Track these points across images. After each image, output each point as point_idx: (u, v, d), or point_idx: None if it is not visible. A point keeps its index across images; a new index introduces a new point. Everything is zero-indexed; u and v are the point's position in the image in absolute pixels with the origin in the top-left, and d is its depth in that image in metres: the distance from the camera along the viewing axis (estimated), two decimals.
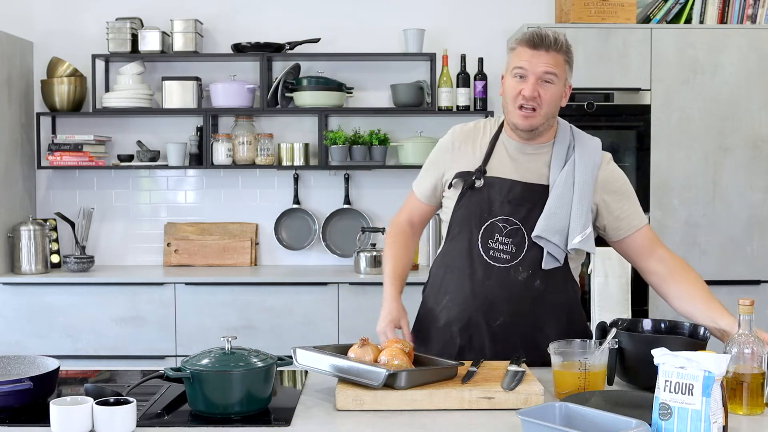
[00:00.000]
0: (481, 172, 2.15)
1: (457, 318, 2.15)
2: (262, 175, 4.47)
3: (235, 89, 4.22)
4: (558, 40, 2.09)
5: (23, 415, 1.72)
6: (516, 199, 2.13)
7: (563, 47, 2.10)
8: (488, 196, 2.13)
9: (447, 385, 1.81)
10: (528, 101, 2.08)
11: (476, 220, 2.14)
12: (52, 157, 4.24)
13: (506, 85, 2.15)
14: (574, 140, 2.18)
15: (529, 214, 2.12)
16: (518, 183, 2.14)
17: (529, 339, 2.12)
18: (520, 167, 2.16)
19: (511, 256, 2.12)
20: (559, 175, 2.12)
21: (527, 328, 2.13)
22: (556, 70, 2.08)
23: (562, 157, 2.15)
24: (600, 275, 3.86)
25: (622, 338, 1.93)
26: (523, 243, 2.12)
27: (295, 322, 3.93)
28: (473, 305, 2.14)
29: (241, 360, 1.75)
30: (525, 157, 2.17)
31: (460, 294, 2.16)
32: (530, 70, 2.08)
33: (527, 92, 2.07)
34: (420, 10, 4.40)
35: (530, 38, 2.10)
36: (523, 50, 2.10)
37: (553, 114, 2.14)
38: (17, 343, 3.90)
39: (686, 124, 3.95)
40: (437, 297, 2.22)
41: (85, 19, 4.41)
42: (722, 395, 1.50)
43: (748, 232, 3.97)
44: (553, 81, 2.09)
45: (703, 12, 4.12)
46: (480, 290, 2.13)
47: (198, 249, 4.38)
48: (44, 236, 4.12)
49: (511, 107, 2.12)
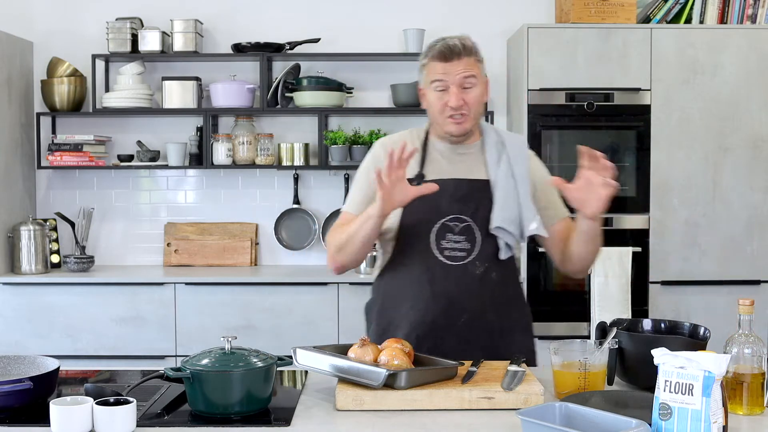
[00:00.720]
0: (420, 176, 2.18)
1: (420, 322, 2.16)
2: (262, 175, 4.47)
3: (235, 89, 4.22)
4: (465, 45, 2.15)
5: (23, 415, 1.72)
6: (463, 197, 2.17)
7: (472, 50, 2.17)
8: (434, 197, 2.12)
9: (447, 385, 1.81)
10: (456, 110, 2.14)
11: (426, 223, 2.16)
12: (52, 157, 4.24)
13: (429, 99, 2.20)
14: (501, 137, 2.25)
15: (477, 209, 2.17)
16: (462, 180, 2.19)
17: (493, 332, 2.16)
18: (456, 167, 2.21)
19: (467, 253, 2.16)
20: (499, 170, 2.19)
21: (489, 321, 2.17)
22: (472, 72, 2.15)
23: (495, 153, 2.22)
24: (600, 275, 3.87)
25: (622, 338, 1.93)
26: (475, 238, 2.16)
27: (295, 322, 3.93)
28: (435, 307, 2.15)
29: (241, 360, 1.75)
30: (459, 157, 2.23)
31: (421, 298, 2.17)
32: (450, 81, 2.14)
33: (453, 102, 2.13)
34: (420, 10, 4.40)
35: (440, 51, 2.15)
36: (435, 64, 2.16)
37: (481, 113, 2.23)
38: (17, 343, 3.90)
39: (686, 124, 3.95)
40: (396, 307, 2.21)
41: (85, 19, 4.41)
42: (722, 395, 1.50)
43: (748, 232, 3.97)
44: (474, 83, 2.16)
45: (703, 12, 4.12)
46: (440, 291, 2.15)
47: (198, 249, 4.38)
48: (44, 236, 4.12)
49: (440, 119, 2.18)
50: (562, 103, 3.93)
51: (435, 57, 2.16)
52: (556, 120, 3.95)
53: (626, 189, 3.97)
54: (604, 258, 3.87)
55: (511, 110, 4.29)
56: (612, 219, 3.95)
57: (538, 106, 3.93)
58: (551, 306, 3.97)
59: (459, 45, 2.14)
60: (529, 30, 3.92)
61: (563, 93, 3.92)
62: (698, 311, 3.90)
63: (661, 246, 3.95)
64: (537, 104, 3.93)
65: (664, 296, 3.96)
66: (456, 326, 2.15)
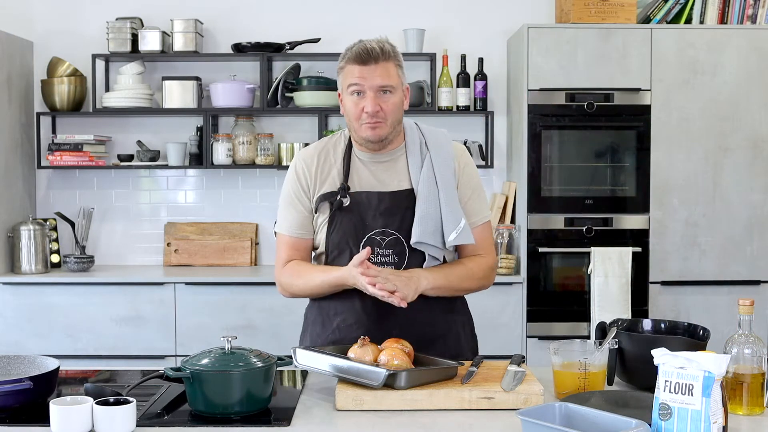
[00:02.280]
0: (344, 189, 2.13)
1: (352, 337, 2.08)
2: (262, 175, 4.47)
3: (235, 89, 4.22)
4: (384, 49, 2.08)
5: (23, 415, 1.72)
6: (387, 210, 2.12)
7: (391, 54, 2.09)
8: (359, 212, 2.11)
9: (447, 385, 1.81)
10: (372, 116, 2.07)
11: (353, 238, 2.12)
12: (52, 156, 4.24)
13: (346, 104, 2.12)
14: (425, 137, 2.19)
15: (402, 221, 2.12)
16: (385, 194, 2.13)
17: (427, 340, 2.11)
18: (380, 177, 2.16)
19: (395, 266, 2.12)
20: (421, 177, 2.13)
21: (422, 330, 2.12)
22: (391, 81, 2.08)
23: (418, 158, 2.16)
24: (600, 275, 3.87)
25: (622, 338, 1.93)
26: (404, 251, 2.12)
27: (295, 322, 3.89)
28: (367, 321, 2.12)
29: (241, 360, 1.75)
30: (382, 166, 2.17)
31: (352, 313, 2.14)
32: (366, 86, 2.07)
33: (369, 108, 2.06)
34: (420, 10, 4.40)
35: (357, 55, 2.07)
36: (352, 68, 2.08)
37: (399, 120, 2.14)
38: (17, 343, 3.90)
39: (686, 124, 3.95)
40: (325, 321, 2.19)
41: (85, 19, 4.41)
42: (722, 395, 1.50)
43: (748, 232, 3.97)
44: (392, 90, 2.09)
45: (703, 12, 4.12)
46: (371, 305, 2.11)
47: (198, 249, 4.38)
48: (44, 236, 4.12)
49: (356, 125, 2.11)
50: (562, 103, 3.93)
51: (352, 60, 2.08)
52: (556, 120, 3.95)
53: (626, 189, 3.98)
54: (604, 258, 3.87)
55: (511, 110, 4.29)
56: (612, 219, 3.95)
57: (538, 106, 3.93)
58: (551, 306, 3.97)
59: (377, 48, 2.06)
60: (529, 30, 3.92)
61: (563, 93, 3.92)
62: (698, 311, 3.90)
63: (661, 246, 3.95)
64: (537, 104, 3.93)
65: (664, 296, 3.96)
66: (389, 338, 2.08)
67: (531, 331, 3.96)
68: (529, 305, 3.96)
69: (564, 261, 3.99)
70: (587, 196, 3.96)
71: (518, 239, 4.06)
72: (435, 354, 2.02)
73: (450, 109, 4.28)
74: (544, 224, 3.96)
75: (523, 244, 3.97)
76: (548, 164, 3.97)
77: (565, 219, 3.95)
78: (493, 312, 3.92)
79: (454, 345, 2.20)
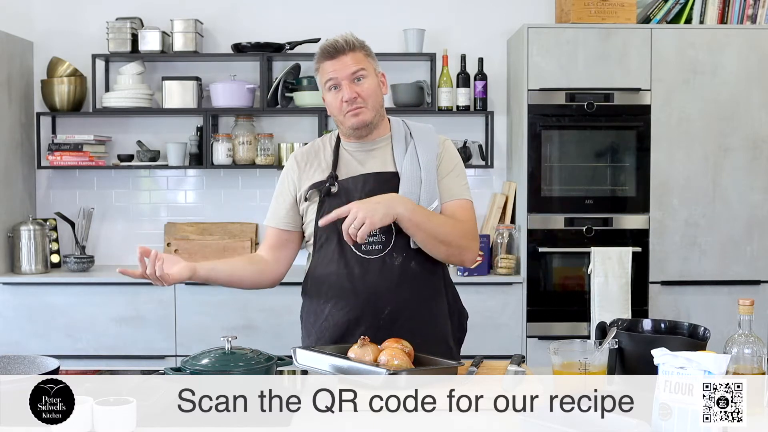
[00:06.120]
0: (333, 177, 2.21)
1: (345, 320, 2.17)
2: (262, 175, 4.47)
3: (235, 89, 4.22)
4: (348, 41, 2.18)
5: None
6: (372, 190, 2.17)
7: (356, 45, 2.19)
8: (346, 196, 2.17)
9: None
10: (351, 103, 2.16)
11: (340, 222, 2.14)
12: (52, 156, 4.24)
13: (328, 101, 2.23)
14: (410, 129, 2.28)
15: None
16: (370, 175, 2.21)
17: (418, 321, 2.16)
18: (366, 163, 2.24)
19: (383, 245, 2.17)
20: (405, 159, 2.21)
21: (413, 310, 2.17)
22: (360, 65, 2.17)
23: (402, 145, 2.24)
24: (600, 275, 3.87)
25: (622, 338, 1.93)
26: (390, 230, 2.17)
27: (295, 322, 3.90)
28: (358, 304, 2.17)
29: (241, 360, 1.75)
30: (368, 154, 2.26)
31: (342, 296, 2.19)
32: (340, 77, 2.17)
33: (346, 96, 2.17)
34: (420, 10, 4.40)
35: (324, 51, 2.18)
36: (324, 65, 2.19)
37: (380, 104, 2.24)
38: (17, 343, 3.90)
39: (686, 124, 3.95)
40: (321, 308, 2.24)
41: (85, 19, 4.41)
42: None
43: (748, 232, 3.97)
44: (364, 75, 2.18)
45: (703, 12, 4.12)
46: (362, 286, 2.16)
47: (198, 249, 4.38)
48: (44, 236, 4.12)
49: (340, 117, 2.21)
50: (562, 103, 3.93)
51: (322, 57, 2.19)
52: (556, 120, 3.95)
53: (626, 189, 3.98)
54: (604, 258, 3.87)
55: (511, 110, 4.29)
56: (612, 219, 3.95)
57: (538, 106, 3.93)
58: (551, 306, 3.98)
59: (341, 41, 2.17)
60: (529, 30, 3.92)
61: (563, 93, 3.92)
62: (698, 311, 3.91)
63: (661, 246, 3.95)
64: (537, 104, 3.93)
65: (664, 296, 3.96)
66: (380, 319, 2.16)
67: (531, 331, 3.96)
68: (529, 305, 3.96)
69: (564, 261, 3.99)
70: (587, 196, 3.96)
71: (518, 239, 4.06)
72: (432, 335, 2.07)
73: (450, 109, 4.28)
74: (544, 224, 3.96)
75: (523, 244, 3.97)
76: (548, 164, 3.97)
77: (565, 219, 3.95)
78: (493, 312, 3.92)
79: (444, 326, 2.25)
